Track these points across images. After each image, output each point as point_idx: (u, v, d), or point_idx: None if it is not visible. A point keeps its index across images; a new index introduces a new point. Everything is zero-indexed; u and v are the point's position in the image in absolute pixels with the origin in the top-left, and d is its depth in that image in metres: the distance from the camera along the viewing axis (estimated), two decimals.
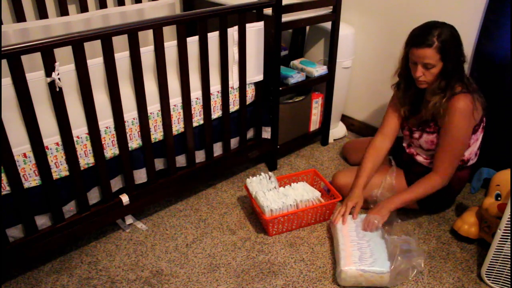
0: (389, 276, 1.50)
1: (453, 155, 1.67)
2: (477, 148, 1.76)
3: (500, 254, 1.48)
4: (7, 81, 1.27)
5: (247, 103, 2.00)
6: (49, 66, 1.32)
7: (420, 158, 1.83)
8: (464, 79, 1.64)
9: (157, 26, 1.53)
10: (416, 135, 1.79)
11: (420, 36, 1.57)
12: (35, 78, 1.33)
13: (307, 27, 2.44)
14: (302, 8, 2.01)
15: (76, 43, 1.35)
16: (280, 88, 2.07)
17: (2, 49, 1.21)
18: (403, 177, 1.86)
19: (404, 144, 1.91)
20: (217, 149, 2.00)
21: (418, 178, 1.80)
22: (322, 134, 2.50)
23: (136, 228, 1.84)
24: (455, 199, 1.99)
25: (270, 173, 1.94)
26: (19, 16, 1.89)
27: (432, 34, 1.55)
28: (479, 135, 1.73)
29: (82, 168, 1.54)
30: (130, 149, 1.66)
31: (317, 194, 1.80)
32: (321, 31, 2.30)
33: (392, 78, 1.82)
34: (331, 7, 2.15)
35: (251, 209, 1.95)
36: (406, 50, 1.66)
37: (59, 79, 1.34)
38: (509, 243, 1.44)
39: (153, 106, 1.66)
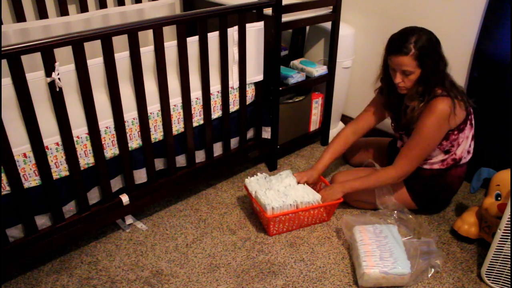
0: (410, 277, 1.51)
1: (415, 154, 1.68)
2: (468, 145, 1.76)
3: (500, 254, 1.48)
4: (7, 81, 1.27)
5: (247, 103, 2.00)
6: (49, 66, 1.32)
7: None
8: (446, 83, 1.63)
9: (157, 26, 1.53)
10: (405, 138, 1.80)
11: (398, 43, 1.58)
12: (35, 78, 1.33)
13: (307, 27, 2.44)
14: (302, 8, 2.02)
15: (76, 43, 1.35)
16: (280, 88, 2.07)
17: (2, 49, 1.21)
18: None
19: (398, 145, 1.91)
20: (217, 149, 2.00)
21: (415, 178, 1.80)
22: (322, 134, 2.50)
23: (136, 228, 1.84)
24: (453, 197, 1.99)
25: (264, 174, 1.93)
26: (19, 16, 1.89)
27: (409, 41, 1.55)
28: (468, 133, 1.72)
29: (82, 168, 1.54)
30: (130, 149, 1.66)
31: (318, 197, 1.79)
32: (321, 31, 2.30)
33: (375, 83, 1.86)
34: (331, 7, 2.15)
35: (251, 209, 1.95)
36: (385, 57, 1.68)
37: (59, 79, 1.34)
38: (509, 243, 1.44)
39: (153, 106, 1.66)
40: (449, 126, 1.65)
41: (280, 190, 1.80)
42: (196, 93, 1.78)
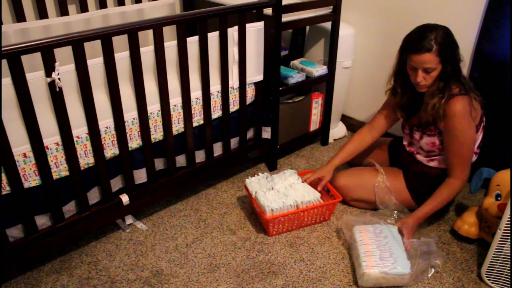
0: (410, 277, 1.51)
1: (464, 157, 1.66)
2: (476, 147, 1.76)
3: (500, 254, 1.48)
4: (7, 81, 1.27)
5: (247, 103, 2.00)
6: (49, 66, 1.32)
7: (420, 157, 1.83)
8: (461, 79, 1.63)
9: (157, 26, 1.53)
10: (417, 136, 1.79)
11: (417, 41, 1.56)
12: (35, 78, 1.33)
13: (307, 27, 2.44)
14: (302, 8, 2.02)
15: (76, 43, 1.35)
16: (280, 88, 2.07)
17: (2, 49, 1.21)
18: (401, 178, 1.85)
19: (405, 143, 1.91)
20: (217, 149, 2.00)
21: (418, 177, 1.80)
22: (322, 134, 2.50)
23: (136, 228, 1.84)
24: (455, 198, 1.99)
25: (266, 173, 1.93)
26: (19, 16, 1.89)
27: (429, 38, 1.54)
28: (479, 135, 1.73)
29: (82, 168, 1.54)
30: (130, 149, 1.66)
31: (318, 195, 1.79)
32: (321, 31, 2.30)
33: (386, 84, 1.83)
34: (331, 7, 2.15)
35: (251, 209, 1.95)
36: (404, 57, 1.65)
37: (59, 79, 1.34)
38: (509, 243, 1.44)
39: (153, 106, 1.66)
40: (474, 120, 1.64)
41: (280, 190, 1.80)
42: (196, 93, 1.78)
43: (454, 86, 1.62)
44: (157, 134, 1.72)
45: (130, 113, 1.61)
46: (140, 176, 1.74)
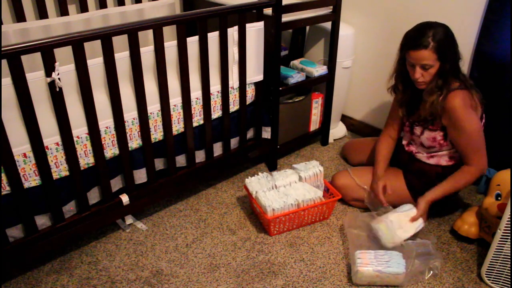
0: (404, 277, 1.51)
1: (476, 145, 1.65)
2: None
3: (500, 254, 1.48)
4: (7, 81, 1.27)
5: (247, 103, 2.00)
6: (49, 66, 1.32)
7: (420, 155, 1.82)
8: (460, 76, 1.64)
9: (157, 26, 1.53)
10: (417, 131, 1.78)
11: (416, 38, 1.59)
12: (35, 78, 1.33)
13: (307, 27, 2.44)
14: (302, 8, 2.02)
15: (76, 43, 1.35)
16: (280, 88, 2.07)
17: (2, 49, 1.21)
18: (401, 178, 1.85)
19: (404, 142, 1.91)
20: (217, 149, 2.00)
21: (418, 176, 1.80)
22: (322, 134, 2.50)
23: (136, 228, 1.84)
24: (453, 198, 1.99)
25: (265, 173, 1.93)
26: (19, 16, 1.89)
27: (427, 35, 1.56)
28: None
29: (82, 168, 1.54)
30: (130, 149, 1.66)
31: (319, 193, 1.80)
32: (321, 31, 2.30)
33: (388, 82, 1.84)
34: (331, 7, 2.15)
35: (251, 209, 1.95)
36: (403, 53, 1.67)
37: (59, 79, 1.34)
38: (509, 243, 1.44)
39: (153, 106, 1.66)
40: (476, 112, 1.64)
41: (281, 190, 1.81)
42: (196, 93, 1.78)
43: (454, 82, 1.62)
44: (157, 134, 1.72)
45: (130, 113, 1.61)
46: (140, 176, 1.74)
